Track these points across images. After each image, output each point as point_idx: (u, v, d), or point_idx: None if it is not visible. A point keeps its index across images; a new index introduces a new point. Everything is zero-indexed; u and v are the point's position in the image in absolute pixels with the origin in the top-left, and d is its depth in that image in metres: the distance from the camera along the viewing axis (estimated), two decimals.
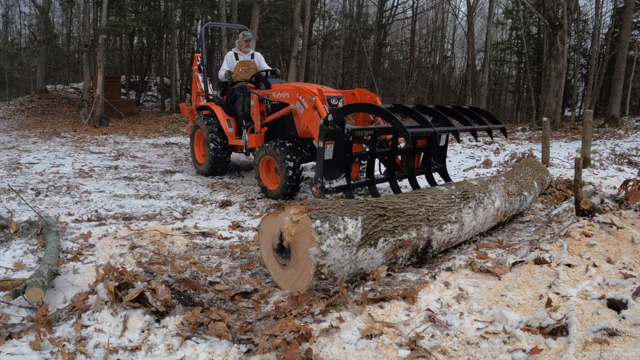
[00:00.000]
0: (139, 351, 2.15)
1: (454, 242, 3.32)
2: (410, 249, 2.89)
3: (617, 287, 2.45)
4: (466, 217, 3.35)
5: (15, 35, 30.08)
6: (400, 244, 2.81)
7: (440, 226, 3.10)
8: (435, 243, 3.08)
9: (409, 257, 2.93)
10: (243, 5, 19.09)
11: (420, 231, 2.95)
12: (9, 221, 3.74)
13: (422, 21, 30.70)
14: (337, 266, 2.56)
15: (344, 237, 2.54)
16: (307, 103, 5.29)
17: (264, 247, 2.98)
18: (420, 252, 3.00)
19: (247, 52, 7.30)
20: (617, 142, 11.14)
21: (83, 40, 17.81)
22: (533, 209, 5.08)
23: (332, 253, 2.51)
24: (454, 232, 3.20)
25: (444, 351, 2.07)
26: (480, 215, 3.53)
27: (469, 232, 3.44)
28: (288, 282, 2.74)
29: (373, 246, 2.69)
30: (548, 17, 14.95)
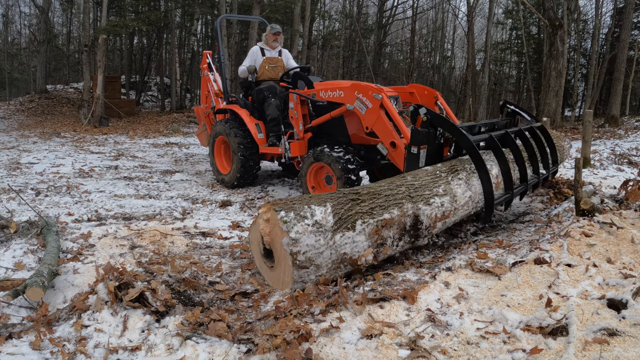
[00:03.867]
0: (139, 351, 2.15)
1: (451, 215, 3.11)
2: (396, 228, 2.77)
3: (617, 287, 2.45)
4: (457, 189, 3.20)
5: (15, 35, 30.08)
6: (383, 224, 2.70)
7: (427, 200, 2.94)
8: (425, 218, 2.90)
9: (398, 237, 2.79)
10: (243, 5, 19.08)
11: (402, 208, 2.80)
12: (9, 221, 3.74)
13: (422, 21, 30.70)
14: (313, 252, 2.50)
15: (312, 223, 2.51)
16: (370, 102, 4.63)
17: (256, 256, 2.99)
18: (410, 230, 2.84)
19: (274, 47, 6.43)
20: (617, 142, 11.14)
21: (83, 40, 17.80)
22: (533, 208, 5.08)
23: (304, 239, 2.47)
24: (445, 204, 3.03)
25: (444, 351, 2.07)
26: (476, 184, 3.33)
27: (467, 204, 3.24)
28: (278, 281, 2.74)
29: (351, 229, 2.60)
30: (548, 17, 14.94)
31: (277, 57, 6.44)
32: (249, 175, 6.19)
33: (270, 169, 7.82)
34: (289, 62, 6.56)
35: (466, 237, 3.97)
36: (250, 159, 6.04)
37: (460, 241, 3.80)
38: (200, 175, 7.27)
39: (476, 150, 3.43)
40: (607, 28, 22.25)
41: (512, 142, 3.92)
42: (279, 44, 6.47)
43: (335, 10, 29.66)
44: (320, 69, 25.27)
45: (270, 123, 5.86)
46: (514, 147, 3.89)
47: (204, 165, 8.19)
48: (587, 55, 23.78)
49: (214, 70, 7.77)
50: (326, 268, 2.61)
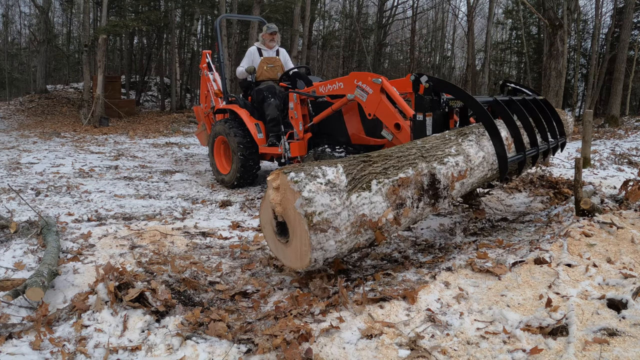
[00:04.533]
0: (139, 351, 2.15)
1: (467, 174, 2.99)
2: (414, 188, 2.64)
3: (617, 287, 2.45)
4: (469, 149, 3.12)
5: (15, 35, 30.07)
6: (399, 183, 2.57)
7: (441, 160, 2.84)
8: (442, 177, 2.78)
9: (417, 197, 2.64)
10: (243, 5, 19.08)
11: (417, 168, 2.69)
12: (9, 221, 3.74)
13: (422, 21, 30.71)
14: (330, 213, 2.33)
15: (325, 182, 2.36)
16: (370, 87, 4.52)
17: (269, 239, 2.78)
18: (429, 189, 2.72)
19: (272, 47, 6.44)
20: (617, 142, 11.14)
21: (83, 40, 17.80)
22: (533, 208, 5.08)
23: (317, 198, 2.31)
24: (460, 163, 2.93)
25: (444, 351, 2.07)
26: (487, 145, 3.26)
27: (482, 164, 3.16)
28: (295, 256, 2.49)
29: (367, 189, 2.47)
30: (548, 17, 14.94)
31: (275, 57, 6.44)
32: (249, 175, 6.14)
33: (271, 168, 7.81)
34: (287, 62, 6.55)
35: (466, 237, 3.97)
36: (250, 158, 6.01)
37: (460, 241, 3.81)
38: (200, 175, 7.27)
39: (484, 110, 3.36)
40: (607, 28, 22.24)
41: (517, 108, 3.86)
42: (276, 43, 6.46)
43: (335, 10, 29.68)
44: (320, 69, 25.28)
45: (269, 123, 5.85)
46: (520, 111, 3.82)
47: (204, 165, 8.19)
48: (587, 55, 23.77)
49: (214, 70, 7.76)
50: (345, 232, 2.39)
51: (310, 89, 5.38)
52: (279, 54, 6.53)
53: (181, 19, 22.06)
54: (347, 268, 3.21)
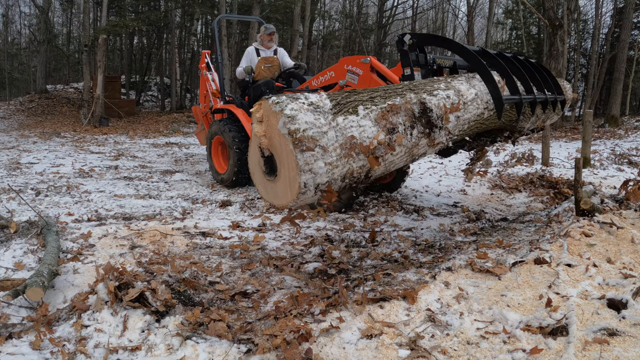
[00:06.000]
0: (139, 351, 2.15)
1: (460, 107, 2.94)
2: (404, 115, 2.57)
3: (617, 287, 2.45)
4: (460, 86, 3.08)
5: (15, 35, 30.07)
6: (388, 109, 2.50)
7: (430, 92, 2.79)
8: (434, 107, 2.72)
9: (410, 124, 2.57)
10: (243, 5, 19.08)
11: (406, 97, 2.63)
12: (9, 221, 3.74)
13: (422, 21, 30.70)
14: (315, 130, 2.22)
15: (308, 103, 2.29)
16: (360, 69, 4.47)
17: (259, 183, 2.62)
18: (421, 117, 2.65)
19: (269, 47, 6.46)
20: (617, 142, 11.14)
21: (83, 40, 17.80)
22: (533, 208, 5.08)
23: (301, 116, 2.21)
24: (451, 96, 2.87)
25: (444, 351, 2.07)
26: (478, 84, 3.25)
27: (475, 101, 3.11)
28: (285, 187, 2.36)
29: (354, 114, 2.39)
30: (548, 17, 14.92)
31: (273, 57, 6.46)
32: (247, 170, 6.12)
33: None
34: (284, 60, 6.56)
35: (466, 237, 3.97)
36: (246, 152, 5.94)
37: (460, 241, 3.81)
38: (200, 175, 7.26)
39: (470, 51, 3.35)
40: (607, 28, 22.24)
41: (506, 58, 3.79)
42: (273, 43, 6.50)
43: (335, 10, 29.67)
44: (320, 69, 25.27)
45: None
46: (509, 61, 3.76)
47: (204, 165, 8.19)
48: (587, 55, 23.77)
49: (213, 70, 7.76)
50: (335, 154, 2.28)
51: (303, 85, 5.31)
52: (276, 54, 6.55)
53: (181, 19, 22.05)
54: (347, 268, 3.21)
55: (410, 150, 2.63)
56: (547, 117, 4.19)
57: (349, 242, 3.86)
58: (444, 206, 5.17)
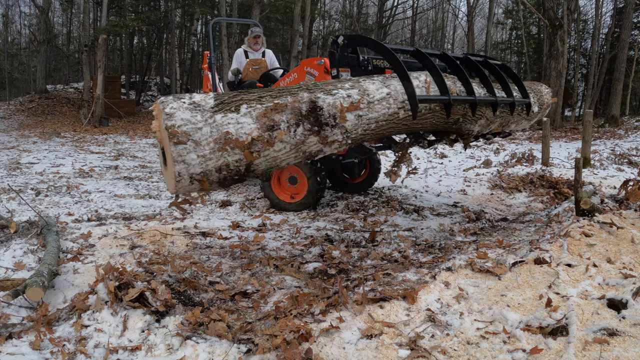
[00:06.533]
0: (139, 351, 2.15)
1: (362, 105, 2.93)
2: (290, 113, 2.66)
3: (617, 287, 2.45)
4: (369, 85, 3.05)
5: (15, 35, 30.07)
6: (273, 107, 2.63)
7: (329, 92, 2.83)
8: (326, 105, 2.77)
9: (295, 122, 2.67)
10: (243, 5, 19.08)
11: (297, 96, 2.73)
12: (9, 221, 3.74)
13: (422, 21, 30.72)
14: (189, 127, 2.45)
15: (190, 102, 2.53)
16: (316, 69, 4.60)
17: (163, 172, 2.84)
18: (309, 115, 2.72)
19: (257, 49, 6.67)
20: (617, 142, 11.15)
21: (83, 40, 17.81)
22: (533, 208, 5.09)
23: (178, 114, 2.45)
24: (353, 95, 2.88)
25: (444, 351, 2.07)
26: (395, 83, 3.18)
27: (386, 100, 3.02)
28: (169, 176, 2.61)
29: (235, 112, 2.56)
30: (548, 17, 14.94)
31: (261, 59, 6.66)
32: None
33: None
34: (272, 63, 6.76)
35: (466, 237, 3.97)
36: None
37: (460, 241, 3.81)
38: None
39: (390, 51, 3.34)
40: (607, 28, 22.26)
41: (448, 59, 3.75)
42: (260, 45, 6.70)
43: (335, 10, 29.68)
44: None
45: None
46: (451, 62, 3.73)
47: None
48: (587, 55, 23.78)
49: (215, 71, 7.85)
50: (208, 148, 2.49)
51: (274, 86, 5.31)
52: (264, 56, 6.76)
53: (181, 19, 22.06)
54: (347, 268, 3.21)
55: (296, 146, 2.73)
56: (508, 121, 4.02)
57: (349, 242, 3.86)
58: (444, 206, 5.17)
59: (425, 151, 10.14)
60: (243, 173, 2.67)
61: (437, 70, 3.44)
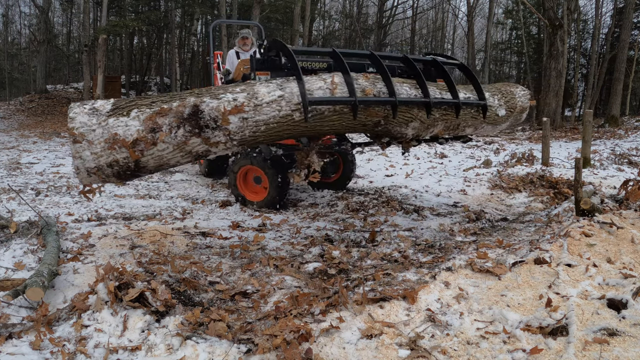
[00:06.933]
0: (139, 351, 2.15)
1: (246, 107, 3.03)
2: (173, 117, 2.91)
3: (617, 287, 2.45)
4: (261, 89, 3.14)
5: (15, 35, 30.06)
6: (158, 112, 2.90)
7: (216, 96, 3.02)
8: (208, 108, 2.95)
9: (177, 125, 2.90)
10: (243, 5, 19.08)
11: (185, 101, 2.96)
12: (9, 221, 3.74)
13: (422, 21, 30.72)
14: (85, 129, 2.88)
15: (90, 108, 2.96)
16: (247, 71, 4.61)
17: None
18: (190, 119, 2.92)
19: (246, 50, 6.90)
20: (617, 142, 11.15)
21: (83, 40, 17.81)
22: (533, 208, 5.09)
23: (78, 118, 2.89)
24: (240, 99, 3.02)
25: (444, 351, 2.07)
26: (292, 85, 3.21)
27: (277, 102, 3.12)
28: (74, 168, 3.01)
29: (126, 116, 2.90)
30: (548, 17, 14.94)
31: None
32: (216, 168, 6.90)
33: None
34: None
35: (466, 237, 3.97)
36: None
37: (460, 241, 3.81)
38: (200, 175, 7.27)
39: (292, 56, 3.41)
40: (607, 28, 22.25)
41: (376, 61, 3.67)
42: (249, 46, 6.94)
43: (335, 10, 29.69)
44: None
45: None
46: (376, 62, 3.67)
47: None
48: (587, 55, 23.78)
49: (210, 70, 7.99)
50: (100, 146, 2.88)
51: None
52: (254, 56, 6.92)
53: (181, 19, 22.06)
54: (347, 268, 3.21)
55: (179, 146, 2.97)
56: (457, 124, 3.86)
57: (349, 242, 3.86)
58: (444, 206, 5.17)
59: (426, 151, 10.15)
60: (134, 169, 3.00)
61: (347, 71, 3.40)
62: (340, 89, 3.31)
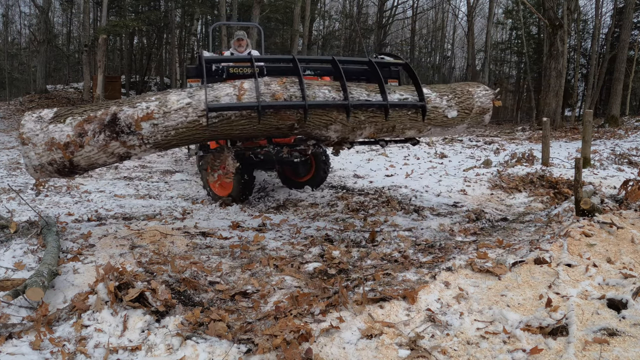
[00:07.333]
0: (139, 351, 2.15)
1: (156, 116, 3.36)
2: (97, 123, 3.37)
3: (617, 287, 2.45)
4: (172, 97, 3.46)
5: (15, 35, 30.05)
6: (86, 119, 3.39)
7: (134, 104, 3.44)
8: (125, 116, 3.36)
9: (99, 130, 3.36)
10: (243, 5, 19.08)
11: (108, 110, 3.43)
12: (9, 221, 3.74)
13: (422, 21, 30.72)
14: (31, 133, 3.38)
15: (36, 116, 3.46)
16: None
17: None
18: (110, 125, 3.36)
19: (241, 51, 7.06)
20: (617, 142, 11.14)
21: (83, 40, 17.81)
22: (533, 208, 5.09)
23: (28, 125, 3.39)
24: (151, 107, 3.38)
25: (444, 351, 2.07)
26: (201, 94, 3.43)
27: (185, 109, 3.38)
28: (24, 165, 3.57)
29: (62, 122, 3.40)
30: (548, 17, 14.94)
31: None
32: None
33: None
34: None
35: (466, 237, 3.97)
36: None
37: (460, 241, 3.81)
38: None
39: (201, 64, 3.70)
40: (607, 28, 22.26)
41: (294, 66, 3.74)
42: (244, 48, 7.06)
43: (335, 10, 29.68)
44: None
45: None
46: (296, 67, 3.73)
47: None
48: (587, 55, 23.78)
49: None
50: (41, 148, 3.37)
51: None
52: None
53: (181, 19, 22.06)
54: (347, 268, 3.21)
55: (102, 149, 3.40)
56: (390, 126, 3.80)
57: (349, 242, 3.86)
58: (444, 206, 5.17)
59: (426, 151, 10.15)
60: (69, 167, 3.47)
61: (255, 77, 3.54)
62: (249, 95, 3.46)
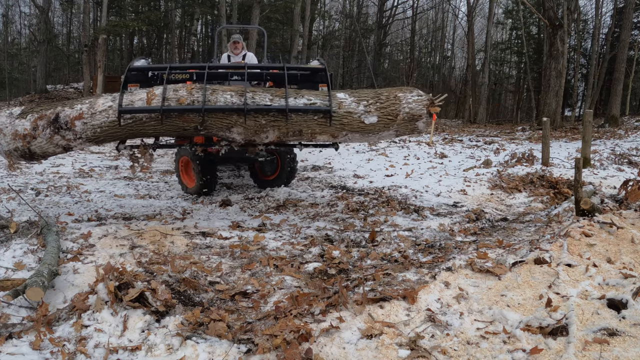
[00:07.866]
0: (139, 351, 2.15)
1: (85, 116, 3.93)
2: (46, 120, 3.99)
3: (617, 287, 2.45)
4: (100, 100, 4.04)
5: (15, 35, 30.03)
6: (39, 117, 4.02)
7: (72, 106, 4.04)
8: (63, 116, 3.97)
9: (47, 125, 3.98)
10: (243, 5, 19.08)
11: (56, 109, 4.05)
12: (9, 221, 3.74)
13: (422, 21, 30.70)
14: (3, 126, 4.08)
15: (9, 112, 4.16)
16: None
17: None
18: (54, 122, 3.97)
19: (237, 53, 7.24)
20: (617, 142, 11.14)
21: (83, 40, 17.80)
22: (533, 208, 5.09)
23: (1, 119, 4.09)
24: (83, 109, 3.98)
25: (444, 351, 2.07)
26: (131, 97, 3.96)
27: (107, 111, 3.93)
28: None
29: (24, 118, 4.04)
30: (548, 17, 14.95)
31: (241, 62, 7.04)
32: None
33: None
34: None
35: (466, 237, 3.97)
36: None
37: (460, 241, 3.81)
38: None
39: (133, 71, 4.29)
40: (607, 28, 22.26)
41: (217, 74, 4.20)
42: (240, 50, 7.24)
43: (335, 10, 29.67)
44: None
45: None
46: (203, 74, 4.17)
47: None
48: (587, 55, 23.78)
49: None
50: (10, 137, 4.05)
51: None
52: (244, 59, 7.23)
53: (181, 19, 22.06)
54: (347, 268, 3.21)
55: (49, 140, 4.03)
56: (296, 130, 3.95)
57: (349, 242, 3.85)
58: (444, 206, 5.17)
59: (426, 151, 10.15)
60: (29, 153, 4.13)
61: (165, 83, 4.06)
62: (157, 100, 3.93)
